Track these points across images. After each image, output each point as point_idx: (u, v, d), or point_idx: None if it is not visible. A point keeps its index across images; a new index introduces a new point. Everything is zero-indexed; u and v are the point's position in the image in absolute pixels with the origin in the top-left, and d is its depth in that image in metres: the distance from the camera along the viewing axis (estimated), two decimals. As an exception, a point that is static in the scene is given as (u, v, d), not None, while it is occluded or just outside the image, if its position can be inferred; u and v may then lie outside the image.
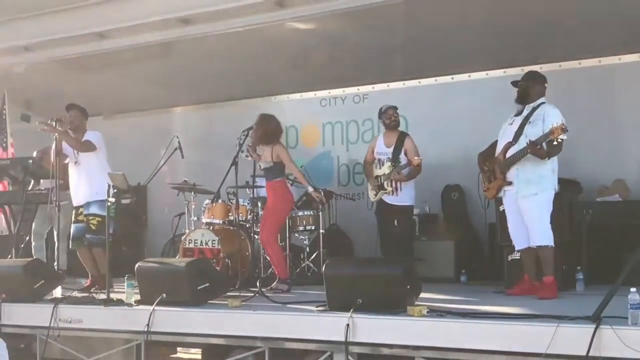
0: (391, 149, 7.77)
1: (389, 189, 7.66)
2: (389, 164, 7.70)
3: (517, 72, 8.28)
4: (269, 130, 7.71)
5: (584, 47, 8.31)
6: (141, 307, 6.36)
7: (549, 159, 6.29)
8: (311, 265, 8.60)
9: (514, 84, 6.69)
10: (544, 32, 7.98)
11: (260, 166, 7.83)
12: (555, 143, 6.10)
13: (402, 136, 7.84)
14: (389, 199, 7.71)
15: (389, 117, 7.83)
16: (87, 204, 7.72)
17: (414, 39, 8.52)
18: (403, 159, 7.66)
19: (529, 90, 6.57)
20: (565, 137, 6.07)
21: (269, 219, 7.71)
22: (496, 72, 8.95)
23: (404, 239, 7.76)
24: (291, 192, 8.12)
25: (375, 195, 7.80)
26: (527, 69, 7.80)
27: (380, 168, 7.81)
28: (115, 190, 6.84)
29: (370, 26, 8.37)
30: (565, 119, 6.27)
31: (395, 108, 7.87)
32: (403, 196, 7.68)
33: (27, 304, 6.90)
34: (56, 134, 7.66)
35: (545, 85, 6.63)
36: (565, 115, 6.37)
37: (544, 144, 6.22)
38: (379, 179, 7.75)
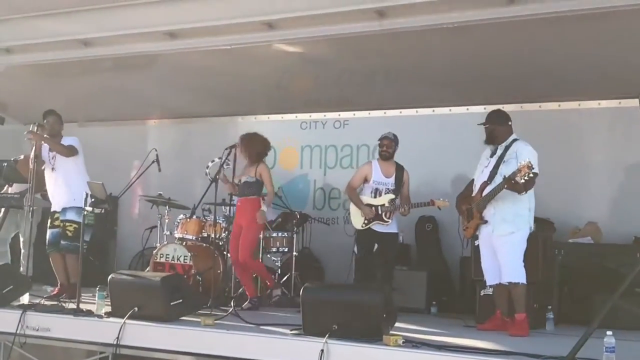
0: (391, 180, 7.71)
1: (389, 221, 7.60)
2: (390, 196, 7.64)
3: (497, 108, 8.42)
4: (260, 150, 7.86)
5: (564, 90, 8.43)
6: (112, 319, 6.27)
7: (525, 192, 6.34)
8: (282, 287, 8.55)
9: (482, 124, 6.77)
10: (527, 73, 8.09)
11: (240, 180, 7.81)
12: (522, 181, 6.15)
13: (401, 169, 7.78)
14: (377, 227, 7.63)
15: (383, 146, 7.79)
16: (64, 210, 7.70)
17: (398, 70, 8.59)
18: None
19: (495, 133, 6.67)
20: (532, 175, 6.11)
21: (243, 238, 7.67)
22: (477, 108, 8.98)
23: (388, 266, 7.74)
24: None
25: (367, 224, 7.66)
26: (508, 107, 7.93)
27: (375, 197, 7.70)
28: (93, 200, 6.78)
29: (355, 54, 8.41)
30: (541, 159, 6.39)
31: (390, 139, 7.79)
32: (391, 224, 7.67)
33: (-6, 308, 6.79)
34: (36, 139, 7.61)
35: (510, 123, 6.71)
36: (542, 155, 6.49)
37: (517, 178, 6.26)
38: (377, 208, 7.63)
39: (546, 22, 6.87)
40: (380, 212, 7.62)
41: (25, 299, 7.10)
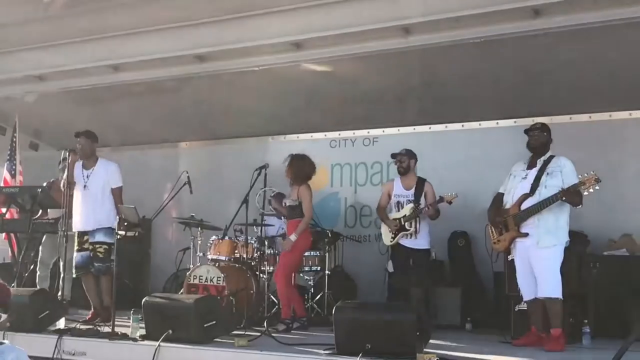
0: (412, 191, 7.80)
1: (411, 229, 7.65)
2: (411, 205, 7.71)
3: (527, 122, 8.30)
4: (309, 172, 7.98)
5: (594, 101, 8.35)
6: (146, 342, 6.31)
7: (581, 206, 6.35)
8: (315, 306, 8.56)
9: (527, 132, 6.74)
10: (557, 86, 8.06)
11: (284, 203, 7.94)
12: (586, 193, 6.25)
13: (422, 180, 7.88)
14: (407, 242, 7.69)
15: (396, 162, 7.95)
16: (93, 232, 7.70)
17: (426, 86, 8.59)
18: (422, 202, 7.71)
19: (545, 144, 6.65)
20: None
21: (282, 258, 7.77)
22: (506, 122, 8.99)
23: (423, 283, 7.73)
24: (310, 233, 8.11)
25: (394, 238, 7.73)
26: (537, 119, 7.85)
27: (399, 211, 7.79)
28: (125, 224, 6.84)
29: (383, 71, 8.46)
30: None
31: (402, 154, 7.91)
32: (420, 240, 7.69)
33: (31, 333, 6.83)
34: (68, 162, 7.64)
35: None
36: (575, 167, 6.51)
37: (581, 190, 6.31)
38: (400, 220, 7.71)
39: (573, 34, 6.84)
40: (402, 222, 7.69)
41: (61, 323, 7.15)
